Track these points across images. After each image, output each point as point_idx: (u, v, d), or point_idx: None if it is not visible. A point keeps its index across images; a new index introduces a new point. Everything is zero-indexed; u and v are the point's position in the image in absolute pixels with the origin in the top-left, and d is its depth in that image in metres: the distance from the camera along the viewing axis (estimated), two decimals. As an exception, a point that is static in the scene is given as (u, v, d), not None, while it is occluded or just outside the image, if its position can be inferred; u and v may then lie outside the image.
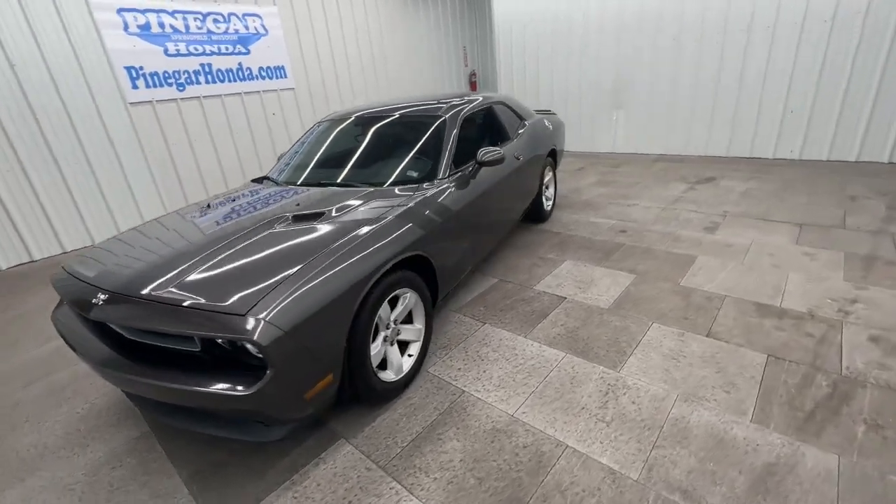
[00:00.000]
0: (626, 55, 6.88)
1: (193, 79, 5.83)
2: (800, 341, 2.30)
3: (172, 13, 5.51)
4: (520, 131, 3.75)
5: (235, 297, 1.56)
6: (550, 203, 4.54)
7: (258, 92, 6.54)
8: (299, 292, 1.61)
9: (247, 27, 6.23)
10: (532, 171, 3.79)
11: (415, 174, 2.63)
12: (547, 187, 4.50)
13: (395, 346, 2.18)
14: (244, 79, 6.33)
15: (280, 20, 6.58)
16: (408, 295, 2.18)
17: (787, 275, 2.97)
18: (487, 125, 3.48)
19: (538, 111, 4.92)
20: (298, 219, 2.13)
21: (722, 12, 5.88)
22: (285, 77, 6.80)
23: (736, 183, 5.14)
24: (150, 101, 5.52)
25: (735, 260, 3.24)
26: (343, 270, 1.76)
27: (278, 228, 2.05)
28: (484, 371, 2.31)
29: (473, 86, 10.23)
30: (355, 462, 1.83)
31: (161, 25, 5.45)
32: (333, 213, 2.17)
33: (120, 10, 5.12)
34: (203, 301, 1.57)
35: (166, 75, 5.59)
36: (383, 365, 2.13)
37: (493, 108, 3.55)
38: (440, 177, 2.59)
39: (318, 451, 1.90)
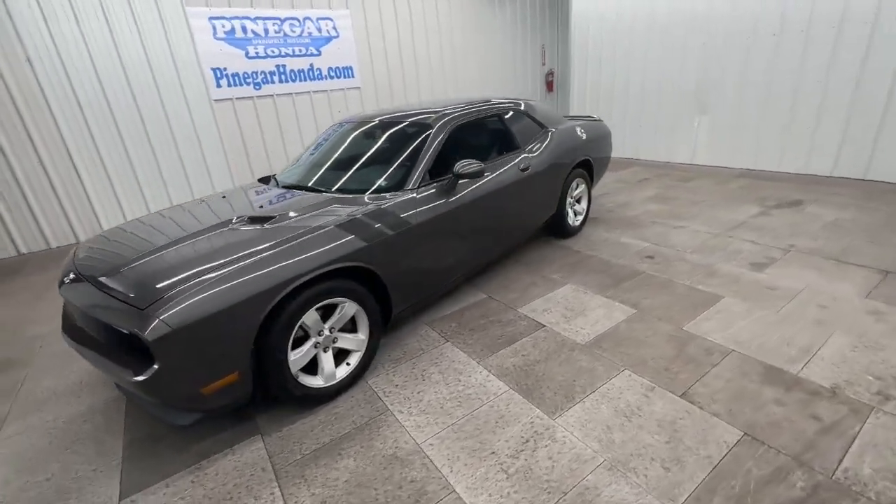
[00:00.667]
0: (714, 51, 6.01)
1: (269, 79, 6.44)
2: (798, 424, 1.83)
3: (255, 19, 6.14)
4: (537, 141, 3.51)
5: (144, 292, 1.72)
6: (581, 218, 4.19)
7: (326, 91, 7.00)
8: (206, 293, 1.72)
9: (319, 30, 6.69)
10: (549, 183, 3.53)
11: (384, 183, 2.62)
12: (577, 201, 4.16)
13: (330, 353, 2.22)
14: (314, 79, 6.82)
15: (351, 22, 6.95)
16: (345, 305, 2.19)
17: (829, 335, 2.38)
18: (494, 133, 3.32)
19: (578, 117, 4.56)
20: (251, 220, 2.27)
21: (838, 1, 4.82)
22: (352, 77, 7.18)
23: (826, 210, 4.22)
24: (230, 99, 6.23)
25: (769, 308, 2.68)
26: (257, 276, 1.83)
27: (229, 229, 2.20)
28: (418, 392, 2.23)
29: (550, 85, 9.78)
30: (257, 460, 1.91)
31: (244, 30, 6.10)
32: (282, 218, 2.26)
33: (210, 18, 5.84)
34: (121, 291, 1.76)
35: (245, 76, 6.26)
36: (314, 370, 2.18)
37: (504, 114, 3.37)
38: (409, 187, 2.54)
39: (232, 442, 2.02)
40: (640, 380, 2.17)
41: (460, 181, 2.75)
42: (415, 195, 2.52)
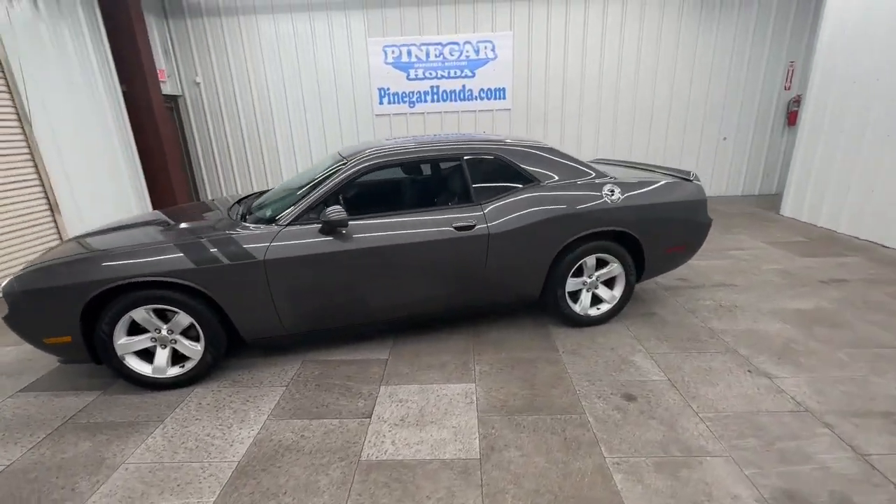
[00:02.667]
0: None
1: (422, 98, 7.09)
2: None
3: (420, 45, 6.84)
4: (510, 196, 2.73)
5: (28, 264, 2.40)
6: (607, 308, 3.02)
7: (474, 111, 7.17)
8: (49, 268, 2.26)
9: (477, 52, 6.86)
10: (520, 251, 2.72)
11: (264, 214, 2.64)
12: (607, 284, 3.03)
13: (167, 351, 2.50)
14: (464, 99, 7.09)
15: (512, 43, 6.81)
16: (178, 315, 2.41)
17: None
18: (442, 180, 2.80)
19: (656, 168, 3.27)
20: (163, 224, 2.75)
21: None
22: (504, 99, 7.08)
23: None
24: (388, 115, 7.21)
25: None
26: (84, 268, 2.27)
27: (150, 226, 2.73)
28: (185, 421, 2.26)
29: (792, 117, 6.97)
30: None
31: (409, 55, 6.89)
32: (175, 225, 2.65)
33: (385, 46, 6.86)
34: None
35: (404, 95, 7.08)
36: (151, 359, 2.51)
37: (467, 159, 2.75)
38: (280, 222, 2.50)
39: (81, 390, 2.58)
40: None
41: (350, 225, 2.50)
42: (278, 231, 2.46)
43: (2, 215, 4.17)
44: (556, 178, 2.86)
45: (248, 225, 2.54)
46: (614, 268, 2.97)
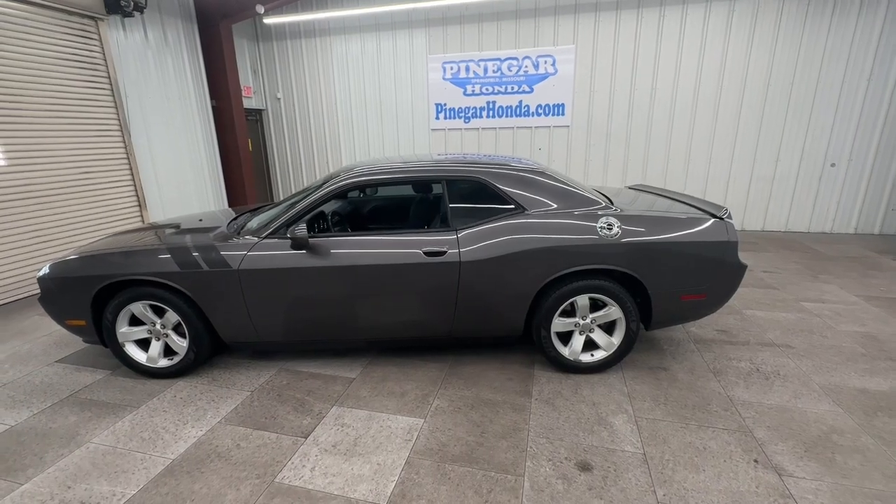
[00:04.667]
0: None
1: (478, 114, 7.04)
2: None
3: (478, 61, 6.82)
4: (489, 222, 2.54)
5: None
6: (603, 356, 2.67)
7: (530, 127, 6.92)
8: (69, 261, 2.64)
9: (536, 67, 6.63)
10: (498, 284, 2.52)
11: (252, 226, 2.77)
12: (588, 328, 2.67)
13: (160, 342, 2.76)
14: (520, 115, 6.89)
15: (574, 58, 6.46)
16: (168, 313, 2.65)
17: None
18: (422, 202, 2.70)
19: (692, 201, 2.83)
20: (174, 227, 3.05)
21: None
22: (562, 115, 6.73)
23: None
24: (443, 130, 7.28)
25: None
26: (93, 263, 2.60)
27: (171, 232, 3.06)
28: (145, 413, 2.45)
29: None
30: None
31: (467, 71, 6.90)
32: (181, 231, 2.92)
33: (444, 63, 6.96)
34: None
35: (459, 110, 7.10)
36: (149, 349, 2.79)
37: (446, 182, 2.62)
38: (260, 235, 2.61)
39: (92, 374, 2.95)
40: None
41: (320, 242, 2.55)
42: (255, 242, 2.58)
43: (99, 208, 5.01)
44: (551, 205, 2.61)
45: (238, 236, 2.71)
46: (612, 311, 2.61)
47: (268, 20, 6.66)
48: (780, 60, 5.85)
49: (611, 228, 2.50)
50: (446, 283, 2.54)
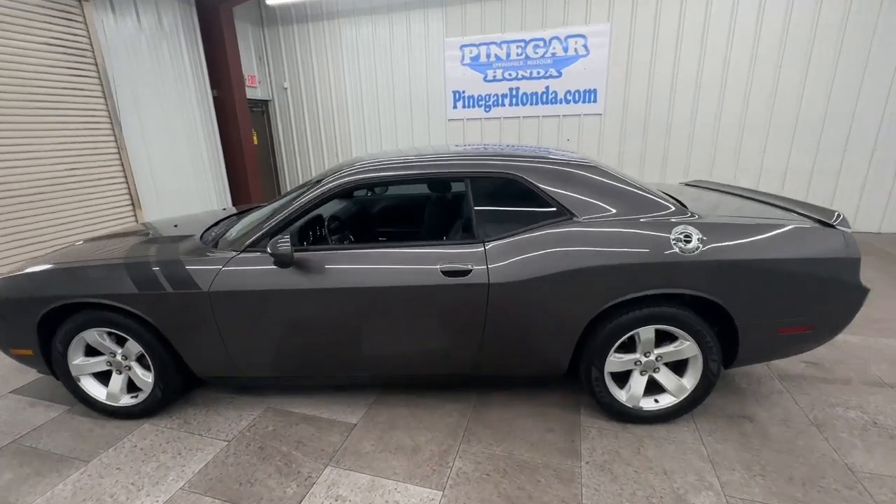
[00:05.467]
0: None
1: (500, 102, 6.42)
2: None
3: (500, 43, 6.18)
4: (518, 232, 1.96)
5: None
6: (672, 402, 2.08)
7: (558, 116, 6.27)
8: (13, 278, 2.16)
9: (566, 49, 5.96)
10: (537, 311, 1.95)
11: (230, 236, 2.24)
12: (652, 367, 2.08)
13: (122, 376, 2.27)
14: (546, 102, 6.24)
15: (609, 39, 5.77)
16: (129, 342, 2.16)
17: None
18: (443, 206, 2.13)
19: (788, 204, 2.19)
20: (140, 235, 2.56)
21: None
22: (594, 102, 6.06)
23: None
24: (462, 119, 6.68)
25: None
26: (39, 282, 2.11)
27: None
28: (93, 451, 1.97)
29: None
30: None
31: (487, 55, 6.27)
32: (150, 240, 2.42)
33: (462, 46, 6.34)
34: None
35: (479, 98, 6.49)
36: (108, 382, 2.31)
37: (473, 182, 2.04)
38: (241, 247, 2.08)
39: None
40: None
41: (309, 257, 2.01)
42: (230, 257, 2.06)
43: (87, 207, 4.59)
44: (608, 210, 2.01)
45: (213, 248, 2.19)
46: (686, 347, 2.01)
47: (271, 1, 6.15)
48: (854, 28, 5.05)
49: (689, 241, 1.89)
50: (470, 311, 1.98)
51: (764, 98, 5.47)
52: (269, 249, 1.90)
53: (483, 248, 1.97)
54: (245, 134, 6.39)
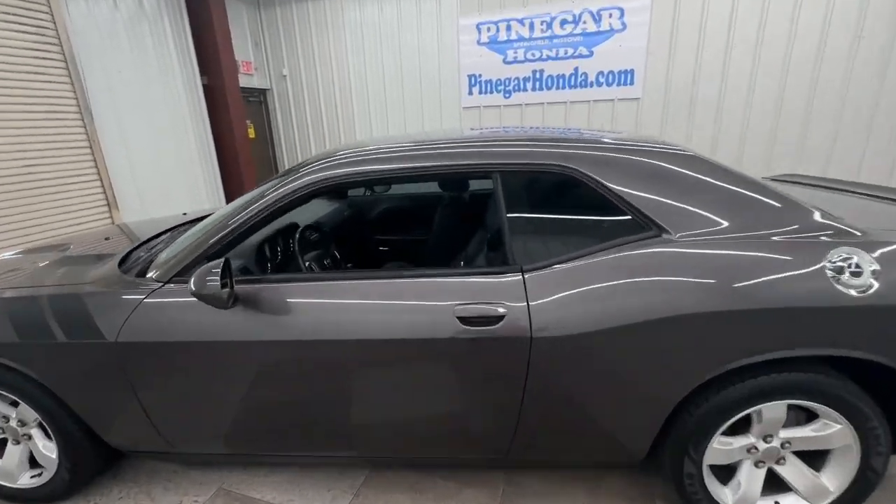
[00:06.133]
0: None
1: (521, 86, 5.68)
2: None
3: (522, 20, 5.43)
4: (576, 255, 1.27)
5: None
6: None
7: (588, 101, 5.50)
8: None
9: (598, 24, 5.18)
10: (596, 380, 1.27)
11: (164, 257, 1.59)
12: (774, 455, 1.36)
13: (19, 447, 1.66)
14: (575, 86, 5.47)
15: (650, 8, 4.97)
16: (20, 406, 1.54)
17: None
18: (450, 214, 1.44)
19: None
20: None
21: None
22: (630, 84, 5.27)
23: None
24: (478, 107, 5.96)
25: None
26: None
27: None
28: None
29: None
30: None
31: (508, 32, 5.52)
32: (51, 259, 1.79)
33: (478, 24, 5.61)
34: None
35: (498, 83, 5.76)
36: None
37: (504, 180, 1.35)
38: (168, 276, 1.43)
39: None
40: None
41: (259, 291, 1.35)
42: (151, 289, 1.41)
43: (51, 209, 4.03)
44: (719, 223, 1.29)
45: (137, 276, 1.54)
46: (834, 433, 1.30)
47: (266, -22, 5.52)
48: (953, -4, 4.17)
49: (859, 274, 1.17)
50: (502, 375, 1.29)
51: (838, 73, 4.61)
52: (191, 285, 1.24)
53: (521, 278, 1.28)
54: (238, 125, 5.79)
